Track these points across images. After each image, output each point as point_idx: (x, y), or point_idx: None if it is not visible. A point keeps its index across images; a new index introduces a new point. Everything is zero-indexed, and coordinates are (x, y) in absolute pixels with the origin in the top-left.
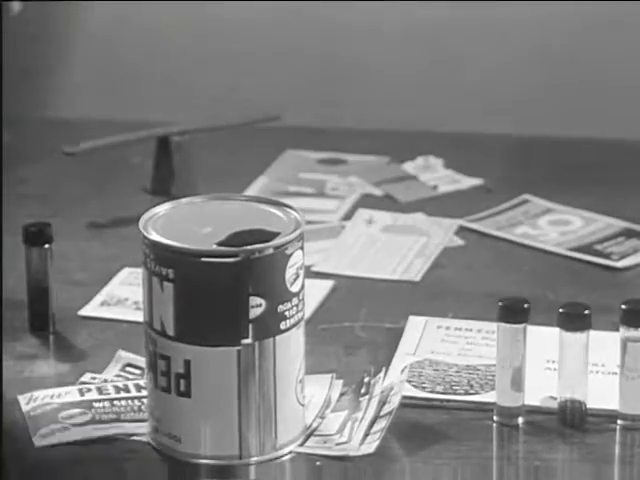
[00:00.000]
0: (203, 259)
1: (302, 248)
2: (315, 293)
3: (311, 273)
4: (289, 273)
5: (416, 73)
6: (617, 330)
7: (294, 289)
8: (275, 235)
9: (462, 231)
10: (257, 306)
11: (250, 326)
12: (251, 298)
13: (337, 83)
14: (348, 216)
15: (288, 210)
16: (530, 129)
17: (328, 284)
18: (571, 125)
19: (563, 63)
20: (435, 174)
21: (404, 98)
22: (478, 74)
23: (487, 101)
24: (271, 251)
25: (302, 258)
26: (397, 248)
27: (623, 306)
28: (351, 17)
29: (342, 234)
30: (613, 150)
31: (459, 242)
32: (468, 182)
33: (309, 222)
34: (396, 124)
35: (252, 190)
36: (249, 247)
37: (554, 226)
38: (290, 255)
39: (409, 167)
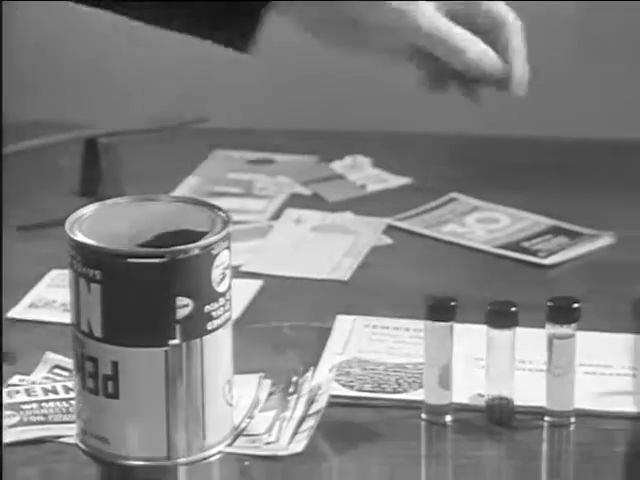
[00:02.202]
0: (129, 260)
1: (229, 248)
2: (243, 293)
3: (239, 273)
4: (216, 273)
5: (344, 72)
6: (544, 327)
7: (221, 289)
8: (201, 235)
9: (390, 230)
10: (184, 307)
11: (177, 327)
12: (178, 299)
13: (264, 84)
14: (276, 216)
15: (215, 210)
16: (456, 128)
17: (256, 284)
18: (498, 123)
19: None
20: (363, 173)
21: (331, 98)
22: (406, 73)
23: (414, 100)
24: (197, 252)
25: (229, 258)
26: (325, 247)
27: (549, 303)
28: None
29: (270, 234)
30: (539, 148)
31: (387, 241)
32: (396, 181)
33: (237, 222)
34: (324, 124)
35: (180, 191)
36: (175, 248)
37: (482, 224)
38: (216, 255)
39: (337, 166)
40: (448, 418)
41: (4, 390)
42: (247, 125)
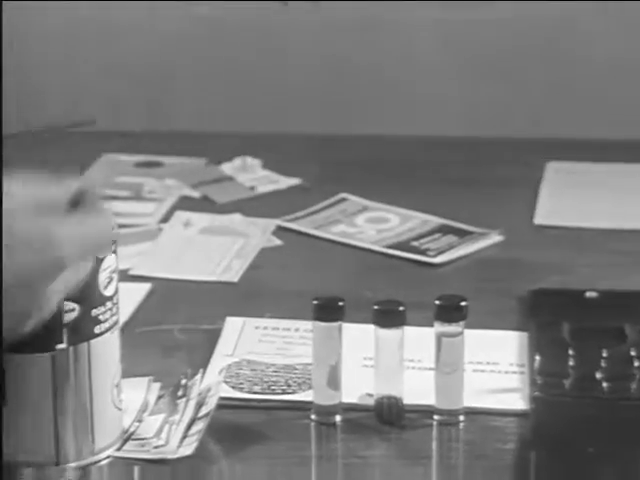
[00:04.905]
0: None
1: (115, 252)
2: (132, 296)
3: (128, 276)
4: (102, 277)
5: (228, 74)
6: (433, 326)
7: (108, 293)
8: None
9: (280, 231)
10: (70, 311)
11: (64, 331)
12: (64, 303)
13: (152, 85)
14: (166, 219)
15: None
16: (345, 128)
17: (145, 287)
18: (384, 123)
19: (363, 61)
20: (253, 175)
21: (219, 99)
22: (296, 74)
23: (302, 101)
24: None
25: (115, 262)
26: (215, 249)
27: (437, 301)
28: (162, 19)
29: (160, 237)
30: (427, 147)
31: (277, 242)
32: (286, 182)
33: (126, 225)
34: (212, 126)
35: None
36: None
37: (371, 224)
38: (102, 259)
39: (226, 168)
40: (337, 418)
41: None
42: (134, 128)
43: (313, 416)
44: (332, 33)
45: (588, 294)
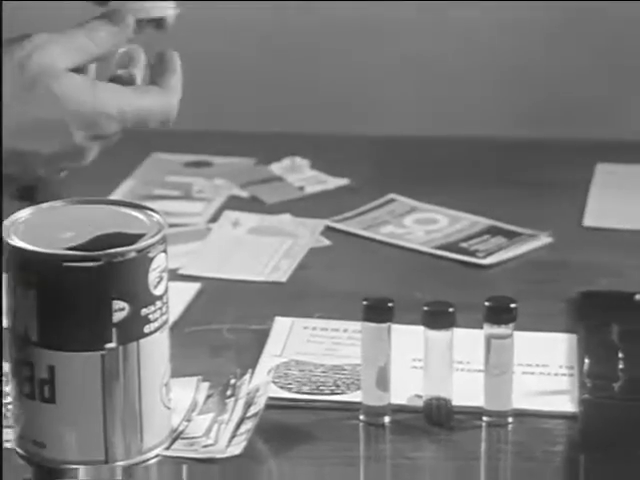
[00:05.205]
0: (65, 264)
1: (165, 251)
2: (182, 296)
3: (177, 276)
4: (152, 276)
5: (279, 75)
6: (482, 327)
7: (158, 292)
8: (137, 238)
9: (328, 231)
10: (120, 310)
11: (114, 330)
12: (114, 302)
13: (201, 84)
14: (214, 218)
15: (150, 213)
16: (394, 128)
17: (195, 287)
18: (435, 124)
19: (420, 62)
20: (302, 175)
21: (269, 100)
22: (341, 74)
23: (350, 101)
24: (133, 254)
25: (165, 261)
26: (264, 249)
27: (486, 303)
28: (202, 15)
29: (208, 236)
30: (477, 148)
31: (325, 242)
32: (334, 182)
33: (175, 225)
34: (262, 126)
35: (118, 194)
36: (111, 251)
37: (420, 225)
38: (153, 258)
39: (276, 168)
40: (386, 419)
41: None
42: (184, 127)
43: (362, 417)
44: (388, 34)
45: (638, 296)
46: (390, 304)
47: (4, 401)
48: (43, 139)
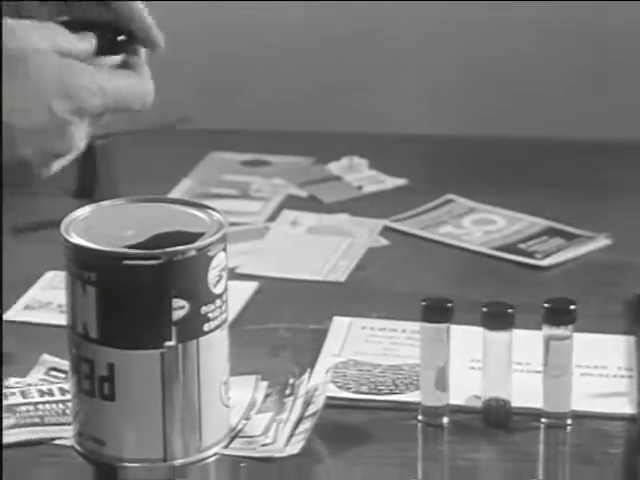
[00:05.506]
0: (125, 262)
1: (225, 250)
2: (240, 295)
3: (235, 275)
4: (212, 275)
5: (338, 74)
6: (540, 328)
7: (217, 291)
8: (197, 237)
9: (386, 231)
10: (180, 308)
11: (173, 328)
12: (174, 300)
13: (259, 84)
14: (273, 217)
15: (210, 212)
16: (453, 129)
17: (252, 285)
18: (494, 124)
19: (483, 64)
20: (360, 174)
21: (328, 99)
22: (401, 75)
23: (410, 102)
24: (193, 253)
25: (225, 260)
26: (322, 249)
27: (546, 304)
28: (267, 18)
29: (267, 235)
30: (535, 149)
31: (384, 242)
32: (392, 182)
33: (233, 224)
34: (320, 125)
35: (176, 192)
36: (171, 249)
37: (478, 225)
38: (213, 257)
39: (334, 168)
40: (444, 420)
41: None
42: (242, 126)
43: (420, 417)
44: (443, 35)
45: None
46: (449, 304)
47: (60, 398)
48: (19, 111)
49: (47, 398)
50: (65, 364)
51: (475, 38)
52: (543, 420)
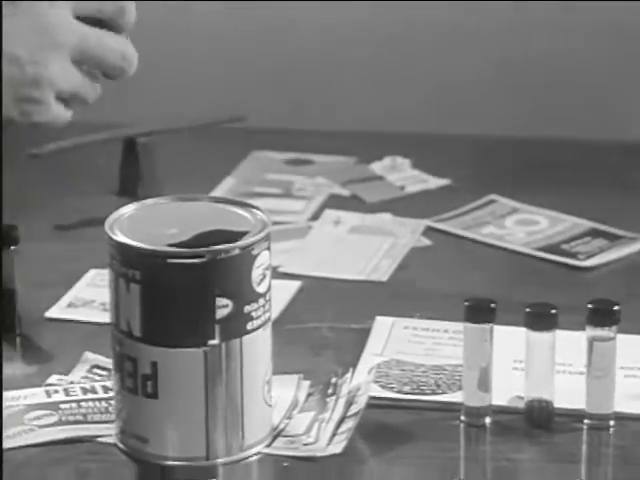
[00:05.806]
0: (169, 260)
1: (269, 249)
2: (282, 294)
3: (278, 274)
4: (256, 274)
5: (383, 74)
6: (584, 329)
7: (261, 290)
8: (241, 236)
9: (429, 231)
10: (224, 307)
11: (217, 327)
12: (217, 299)
13: (303, 84)
14: (315, 217)
15: (254, 211)
16: (496, 129)
17: (295, 285)
18: (537, 125)
19: (527, 65)
20: (402, 174)
21: (371, 99)
22: (444, 75)
23: (453, 102)
24: (237, 252)
25: (269, 259)
26: (364, 249)
27: (589, 305)
28: (315, 18)
29: (309, 235)
30: (578, 150)
31: (426, 242)
32: (435, 182)
33: (276, 223)
34: (363, 125)
35: (219, 191)
36: (215, 248)
37: (521, 226)
38: (256, 256)
39: (376, 167)
40: (487, 420)
41: (42, 389)
42: (285, 125)
43: (462, 417)
44: (488, 32)
45: None
46: (492, 305)
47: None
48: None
49: (90, 396)
50: (108, 362)
51: (512, 37)
52: (585, 421)
